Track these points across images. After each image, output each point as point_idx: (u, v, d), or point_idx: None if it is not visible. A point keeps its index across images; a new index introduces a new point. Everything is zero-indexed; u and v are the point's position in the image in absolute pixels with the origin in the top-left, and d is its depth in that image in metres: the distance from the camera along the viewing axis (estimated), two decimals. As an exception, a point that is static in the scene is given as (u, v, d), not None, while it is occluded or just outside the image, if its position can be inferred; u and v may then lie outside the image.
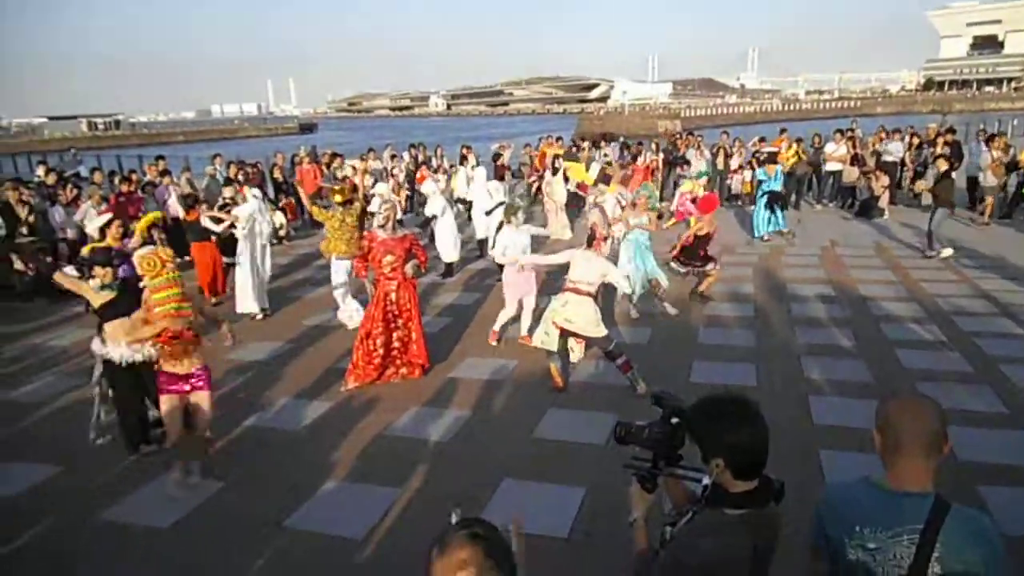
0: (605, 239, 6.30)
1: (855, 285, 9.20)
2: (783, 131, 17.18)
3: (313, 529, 4.18)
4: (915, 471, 1.85)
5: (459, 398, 6.07)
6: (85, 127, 77.10)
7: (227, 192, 10.00)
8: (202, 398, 4.62)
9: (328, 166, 14.94)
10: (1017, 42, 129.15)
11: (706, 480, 1.84)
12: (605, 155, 16.98)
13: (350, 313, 7.96)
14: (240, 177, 12.47)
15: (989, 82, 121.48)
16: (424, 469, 4.85)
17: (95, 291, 5.03)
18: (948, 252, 10.40)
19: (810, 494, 4.26)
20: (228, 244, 9.29)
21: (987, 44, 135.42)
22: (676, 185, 16.31)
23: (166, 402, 4.53)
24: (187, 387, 4.56)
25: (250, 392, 6.32)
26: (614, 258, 7.68)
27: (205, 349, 4.71)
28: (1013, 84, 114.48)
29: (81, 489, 4.67)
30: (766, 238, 12.20)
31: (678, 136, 20.44)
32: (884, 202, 14.14)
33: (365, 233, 7.08)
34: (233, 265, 9.15)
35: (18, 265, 9.81)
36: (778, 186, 12.34)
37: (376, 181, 12.90)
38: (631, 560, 2.05)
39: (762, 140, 16.76)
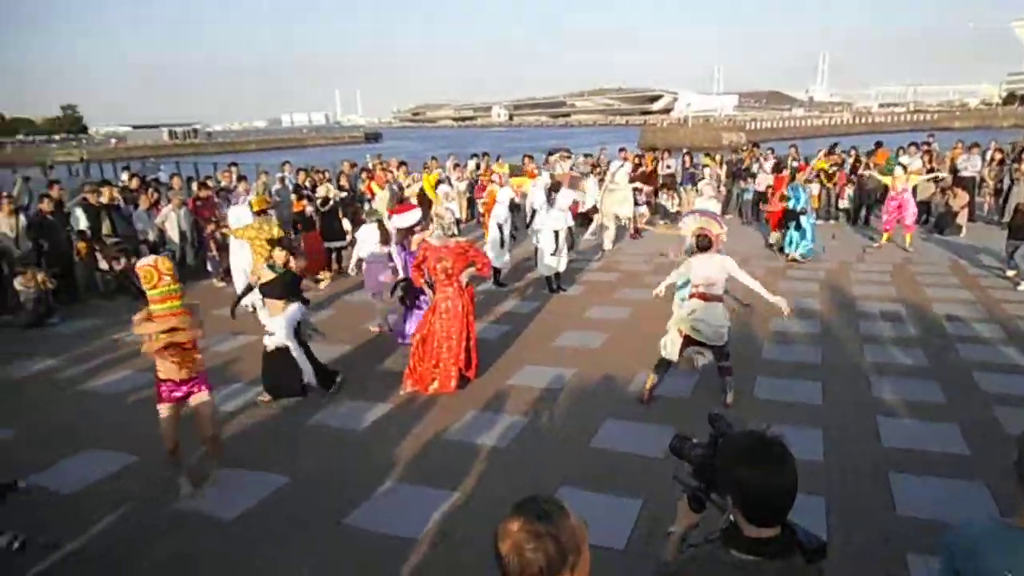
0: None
1: (929, 304, 8.83)
2: (879, 145, 16.59)
3: (371, 528, 4.26)
4: None
5: (516, 404, 6.09)
6: (166, 136, 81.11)
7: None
8: (202, 399, 4.69)
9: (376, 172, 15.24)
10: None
11: (729, 516, 1.77)
12: (668, 166, 16.84)
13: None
14: (308, 183, 12.88)
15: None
16: (480, 473, 4.89)
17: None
18: None
19: (879, 518, 4.14)
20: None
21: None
22: (739, 198, 16.08)
23: (163, 411, 4.60)
24: (183, 391, 4.62)
25: (312, 393, 6.49)
26: None
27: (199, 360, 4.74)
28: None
29: (153, 478, 4.88)
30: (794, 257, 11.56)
31: (743, 148, 20.06)
32: (962, 219, 13.54)
33: (420, 241, 7.18)
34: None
35: (103, 264, 10.36)
36: (798, 204, 11.59)
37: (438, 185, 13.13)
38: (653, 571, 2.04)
39: (831, 152, 16.27)
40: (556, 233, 9.81)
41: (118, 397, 6.57)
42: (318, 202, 11.45)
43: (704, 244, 5.94)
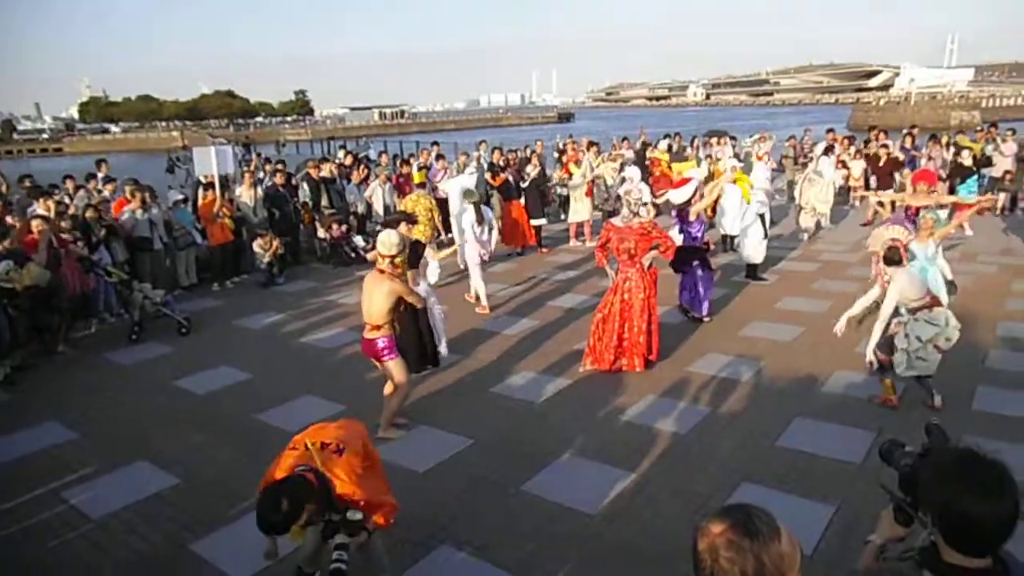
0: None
1: None
2: None
3: (547, 497, 4.39)
4: None
5: (697, 392, 5.94)
6: (376, 116, 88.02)
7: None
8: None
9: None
10: None
11: (929, 535, 1.59)
12: (883, 145, 15.22)
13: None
14: (502, 162, 13.36)
15: None
16: (657, 458, 4.85)
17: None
18: None
19: None
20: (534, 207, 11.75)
21: None
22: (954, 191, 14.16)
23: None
24: None
25: (497, 362, 6.80)
26: None
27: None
28: None
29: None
30: None
31: (977, 129, 17.60)
32: None
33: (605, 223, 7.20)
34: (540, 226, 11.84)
35: (321, 233, 11.56)
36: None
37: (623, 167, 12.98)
38: None
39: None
40: (761, 217, 9.33)
41: (332, 351, 7.34)
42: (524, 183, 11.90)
43: (895, 258, 5.30)
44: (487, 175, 12.27)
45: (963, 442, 4.47)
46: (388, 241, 5.04)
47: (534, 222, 11.80)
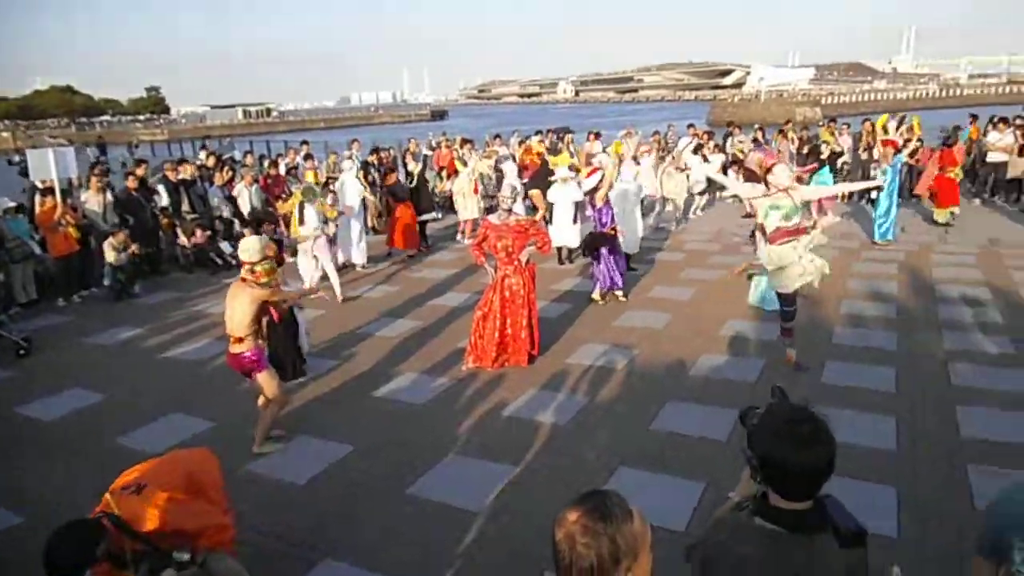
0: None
1: (1017, 288, 8.34)
2: (974, 119, 15.71)
3: (434, 498, 4.36)
4: None
5: (575, 383, 6.10)
6: (241, 115, 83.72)
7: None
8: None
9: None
10: None
11: (760, 483, 1.75)
12: (740, 141, 16.32)
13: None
14: (376, 161, 13.12)
15: None
16: (540, 450, 4.93)
17: None
18: None
19: (956, 514, 3.97)
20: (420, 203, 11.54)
21: None
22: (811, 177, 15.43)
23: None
24: None
25: (378, 365, 6.67)
26: None
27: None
28: None
29: (231, 441, 5.13)
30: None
31: (819, 123, 19.25)
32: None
33: (470, 220, 7.30)
34: (426, 222, 11.67)
35: (182, 240, 10.85)
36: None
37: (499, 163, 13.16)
38: None
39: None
40: (576, 205, 9.96)
41: (198, 365, 6.91)
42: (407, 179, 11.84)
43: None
44: (374, 174, 12.05)
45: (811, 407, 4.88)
46: (250, 247, 4.81)
47: (425, 217, 11.74)
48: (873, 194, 11.87)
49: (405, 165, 15.46)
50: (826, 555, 1.65)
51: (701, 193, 14.22)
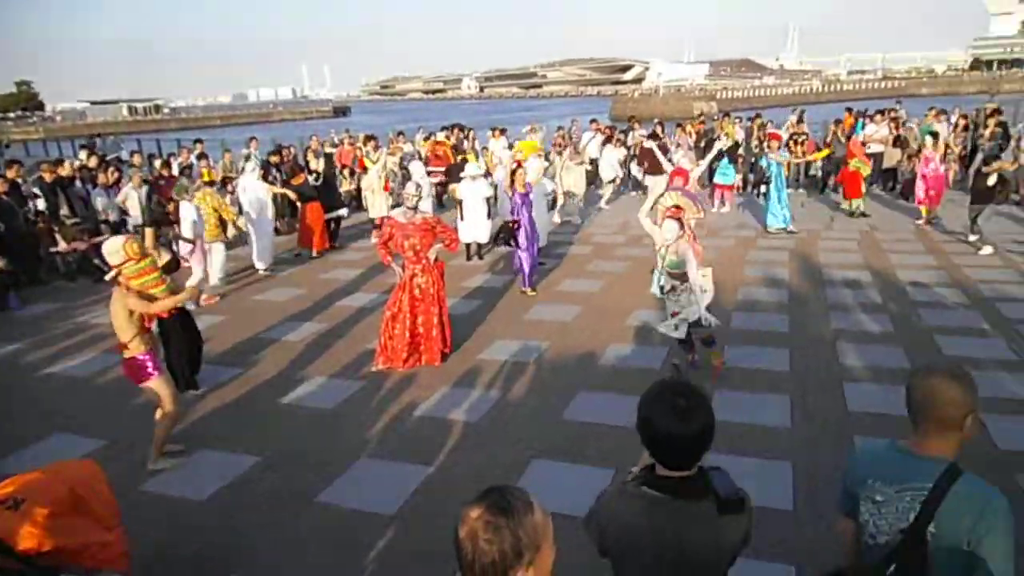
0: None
1: (894, 270, 8.99)
2: (849, 111, 16.75)
3: (345, 505, 4.26)
4: (934, 441, 1.89)
5: (487, 379, 6.11)
6: (126, 112, 78.94)
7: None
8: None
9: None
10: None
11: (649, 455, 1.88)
12: (641, 135, 16.77)
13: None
14: (279, 161, 12.68)
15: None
16: (453, 448, 4.91)
17: None
18: (988, 251, 9.62)
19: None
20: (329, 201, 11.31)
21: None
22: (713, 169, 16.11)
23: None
24: None
25: (283, 370, 6.44)
26: None
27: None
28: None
29: (123, 460, 4.83)
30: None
31: (714, 118, 20.09)
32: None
33: (384, 218, 7.22)
34: (336, 219, 11.49)
35: (62, 246, 10.11)
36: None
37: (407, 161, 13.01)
38: None
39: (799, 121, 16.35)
40: (487, 201, 10.19)
41: (85, 380, 6.46)
42: (312, 177, 11.46)
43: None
44: (275, 175, 11.63)
45: (712, 396, 5.08)
46: (109, 249, 4.60)
47: (334, 214, 11.48)
48: (762, 187, 12.52)
49: (307, 163, 15.09)
50: (705, 520, 1.77)
51: (611, 181, 14.60)
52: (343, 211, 11.94)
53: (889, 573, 1.86)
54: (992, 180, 9.80)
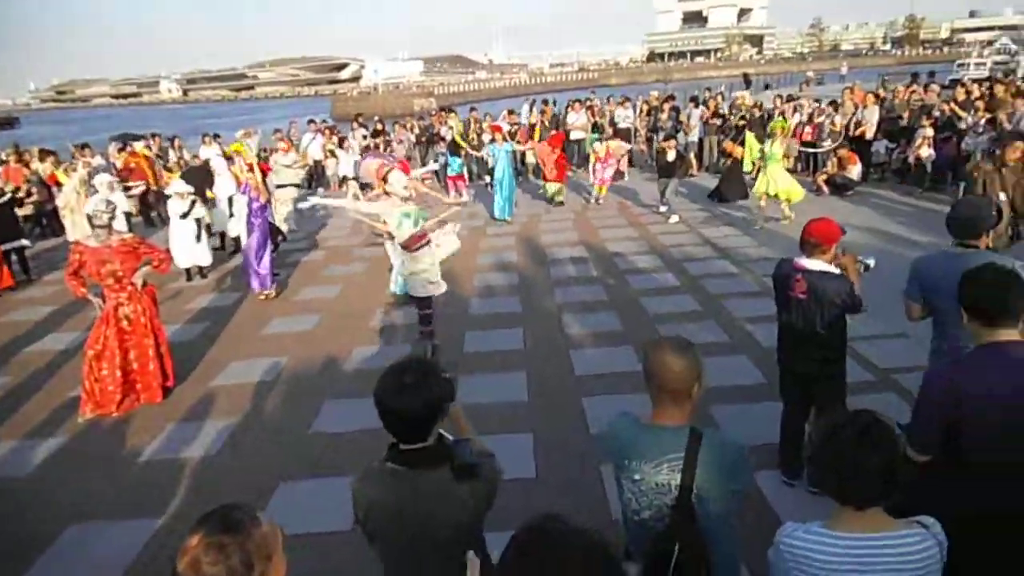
0: None
1: (604, 244, 10.05)
2: (545, 103, 17.98)
3: (54, 585, 3.62)
4: (670, 410, 2.05)
5: (222, 407, 5.61)
6: None
7: None
8: None
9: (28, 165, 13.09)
10: (718, 17, 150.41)
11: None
12: (364, 135, 16.63)
13: None
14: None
15: (699, 53, 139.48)
16: (189, 490, 4.44)
17: None
18: (675, 219, 11.16)
19: (577, 442, 4.63)
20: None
21: (695, 19, 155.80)
22: (436, 160, 16.56)
23: None
24: None
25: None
26: None
27: None
28: (717, 55, 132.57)
29: None
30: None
31: (432, 114, 20.67)
32: (624, 166, 15.56)
33: (72, 243, 6.25)
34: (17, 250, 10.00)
35: None
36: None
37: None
38: None
39: (511, 113, 17.47)
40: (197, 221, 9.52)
41: None
42: None
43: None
44: None
45: (456, 379, 5.23)
46: None
47: (9, 246, 9.65)
48: (487, 178, 13.18)
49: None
50: (443, 486, 1.87)
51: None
52: (23, 240, 10.18)
53: (676, 554, 1.95)
54: (672, 156, 11.40)
